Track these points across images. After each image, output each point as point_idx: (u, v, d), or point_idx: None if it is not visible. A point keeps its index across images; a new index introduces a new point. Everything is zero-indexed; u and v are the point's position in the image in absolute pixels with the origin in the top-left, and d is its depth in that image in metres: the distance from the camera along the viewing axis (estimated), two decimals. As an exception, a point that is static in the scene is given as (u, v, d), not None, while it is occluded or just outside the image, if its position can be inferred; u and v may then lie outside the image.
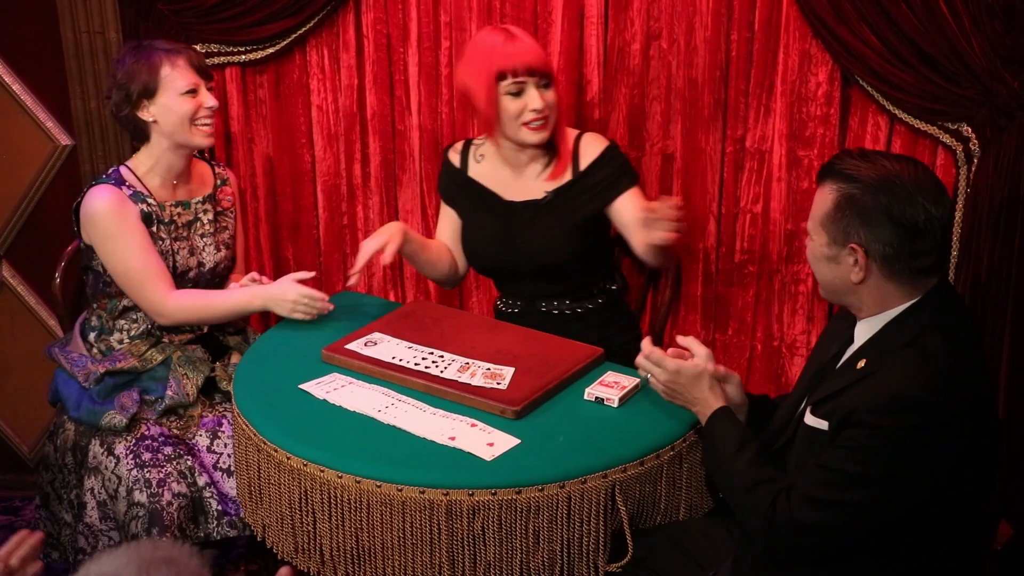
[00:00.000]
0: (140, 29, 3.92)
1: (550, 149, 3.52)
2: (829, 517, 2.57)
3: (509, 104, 3.37)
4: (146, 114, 3.52)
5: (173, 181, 3.63)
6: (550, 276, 3.58)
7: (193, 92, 3.52)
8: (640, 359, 2.98)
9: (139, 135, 3.61)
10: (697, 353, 2.93)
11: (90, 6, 3.97)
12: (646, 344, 3.00)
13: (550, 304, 3.63)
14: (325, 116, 4.07)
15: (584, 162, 3.48)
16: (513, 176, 3.56)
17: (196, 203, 3.68)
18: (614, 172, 3.48)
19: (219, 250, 3.69)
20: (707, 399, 2.90)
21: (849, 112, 3.65)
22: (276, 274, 4.21)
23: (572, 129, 3.57)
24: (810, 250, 2.72)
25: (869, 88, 3.51)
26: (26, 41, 4.06)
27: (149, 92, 3.51)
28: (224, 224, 3.74)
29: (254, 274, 3.66)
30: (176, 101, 3.51)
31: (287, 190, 4.15)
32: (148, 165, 3.60)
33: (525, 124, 3.38)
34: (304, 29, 3.92)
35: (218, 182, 3.76)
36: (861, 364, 2.61)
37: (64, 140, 4.04)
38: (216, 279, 3.69)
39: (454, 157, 3.64)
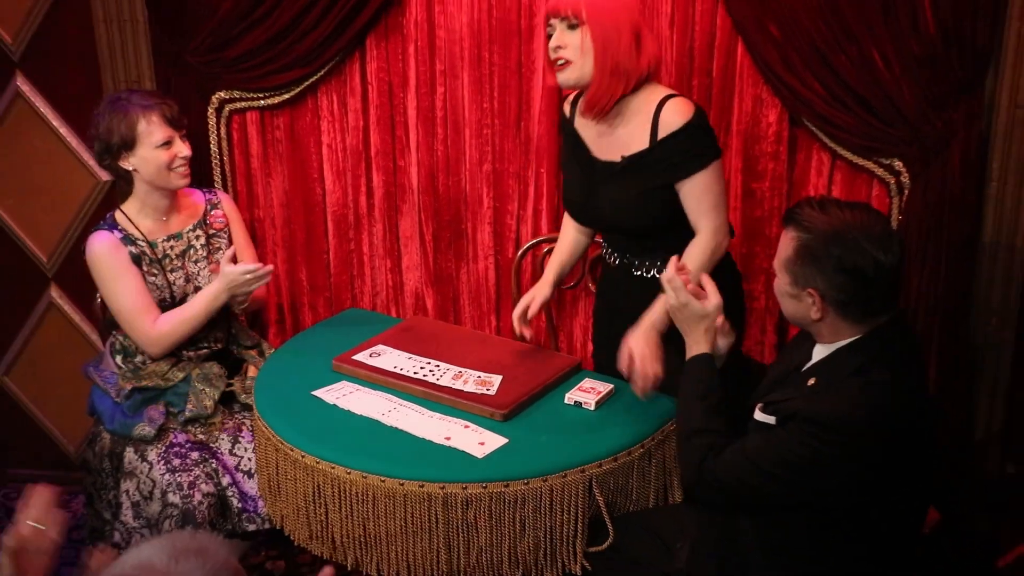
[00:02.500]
0: (172, 79, 3.92)
1: (633, 109, 3.21)
2: (747, 484, 2.62)
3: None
4: (127, 163, 3.49)
5: (163, 217, 3.60)
6: (627, 238, 3.37)
7: (168, 144, 3.49)
8: (665, 276, 2.92)
9: (124, 180, 3.60)
10: (711, 298, 2.91)
11: (128, 59, 3.96)
12: (672, 267, 2.93)
13: (640, 265, 3.37)
14: (334, 154, 4.03)
15: (663, 131, 3.15)
16: (602, 133, 3.29)
17: (187, 232, 3.65)
18: (688, 151, 3.16)
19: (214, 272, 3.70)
20: (699, 339, 2.90)
21: (796, 149, 3.63)
22: (291, 293, 4.28)
23: (657, 89, 3.20)
24: (776, 286, 2.71)
25: (814, 128, 3.50)
26: (72, 89, 4.05)
27: (128, 145, 3.48)
28: (217, 245, 3.70)
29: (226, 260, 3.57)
30: (153, 153, 3.48)
31: (301, 219, 4.12)
32: (137, 207, 3.58)
33: (550, 63, 3.18)
34: (315, 77, 3.89)
35: (208, 207, 3.73)
36: (811, 382, 2.63)
37: (103, 176, 4.00)
38: None
39: (566, 108, 3.43)
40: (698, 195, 3.16)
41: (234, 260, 3.58)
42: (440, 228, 4.03)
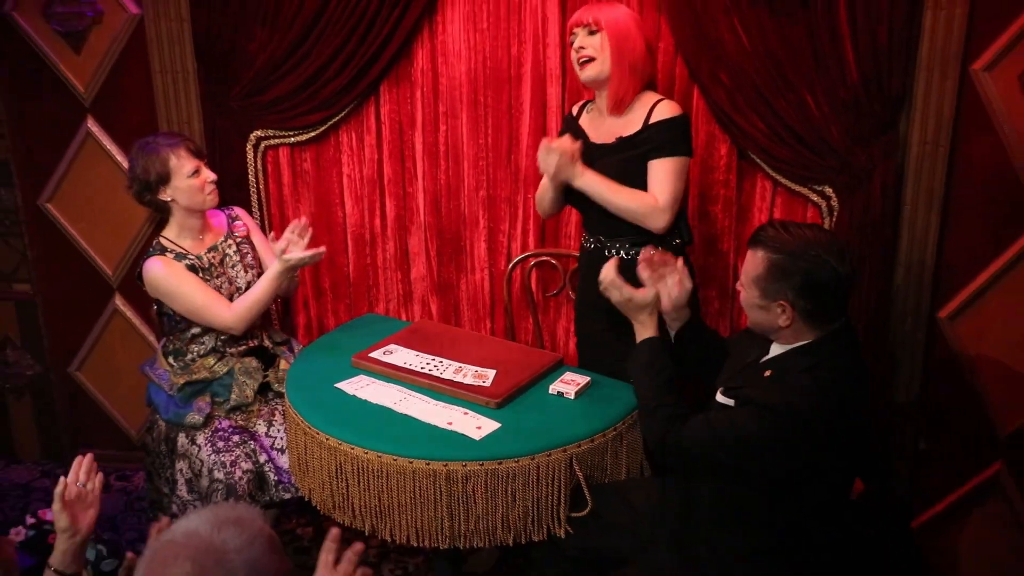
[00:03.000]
0: (216, 120, 4.02)
1: (633, 105, 3.31)
2: (706, 454, 2.70)
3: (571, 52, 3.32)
4: (164, 195, 3.54)
5: (199, 236, 3.64)
6: (605, 216, 3.34)
7: (197, 172, 3.53)
8: (603, 281, 3.01)
9: (161, 211, 3.63)
10: (648, 290, 2.98)
11: (180, 104, 4.07)
12: (610, 268, 3.02)
13: (613, 246, 3.40)
14: (353, 182, 4.12)
15: (654, 119, 3.25)
16: (601, 122, 3.39)
17: (220, 243, 3.68)
18: (668, 138, 3.24)
19: (247, 271, 3.69)
20: (645, 323, 2.96)
21: (743, 178, 3.69)
22: (317, 300, 4.33)
23: (656, 94, 3.32)
24: (744, 299, 2.74)
25: (758, 160, 3.58)
26: (132, 127, 4.11)
27: (164, 179, 3.52)
28: (245, 250, 3.72)
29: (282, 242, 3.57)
30: (186, 182, 3.52)
31: (324, 238, 4.12)
32: (175, 232, 3.62)
33: (576, 64, 3.28)
34: (337, 118, 3.98)
35: (230, 221, 3.75)
36: (767, 373, 2.70)
37: (145, 206, 3.75)
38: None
39: (574, 109, 3.51)
40: (660, 176, 3.23)
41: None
42: (443, 244, 4.10)
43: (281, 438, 3.57)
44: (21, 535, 2.97)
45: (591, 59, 3.26)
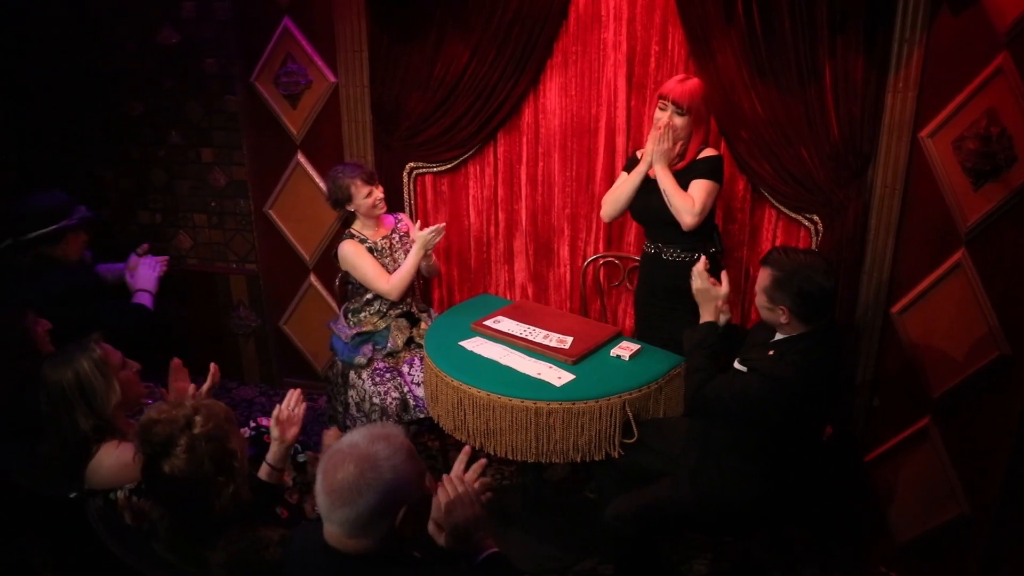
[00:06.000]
0: (383, 155, 4.04)
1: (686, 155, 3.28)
2: (724, 407, 2.68)
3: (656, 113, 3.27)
4: (350, 207, 3.60)
5: (376, 227, 3.66)
6: (664, 227, 3.29)
7: (370, 193, 3.56)
8: (695, 269, 2.92)
9: (349, 214, 3.67)
10: (723, 287, 2.91)
11: (358, 143, 4.10)
12: (701, 264, 2.93)
13: (668, 251, 3.34)
14: (476, 201, 4.12)
15: (699, 157, 3.24)
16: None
17: (389, 235, 3.69)
18: (707, 167, 3.23)
19: (405, 256, 3.66)
20: (709, 311, 2.89)
21: (755, 206, 3.67)
22: (448, 283, 4.30)
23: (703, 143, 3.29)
24: (757, 303, 2.73)
25: (766, 194, 3.56)
26: (326, 159, 4.15)
27: (348, 199, 3.58)
28: (405, 242, 3.72)
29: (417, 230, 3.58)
30: (363, 201, 3.57)
31: (455, 240, 4.19)
32: (360, 226, 3.66)
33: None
34: (467, 155, 4.00)
35: (396, 222, 3.75)
36: (771, 352, 2.70)
37: (338, 212, 3.80)
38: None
39: (638, 152, 3.41)
40: (697, 191, 3.21)
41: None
42: (538, 247, 4.11)
43: (419, 376, 3.59)
44: (246, 433, 2.85)
45: (679, 139, 3.23)
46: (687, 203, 3.22)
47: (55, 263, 3.39)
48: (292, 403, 2.62)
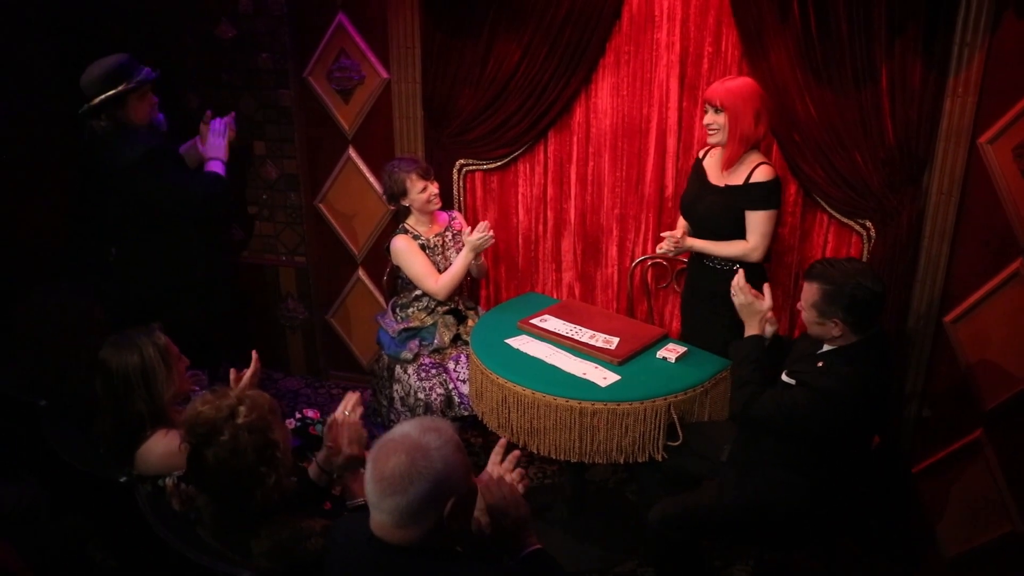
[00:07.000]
0: (433, 152, 4.06)
1: (741, 162, 3.25)
2: (771, 419, 2.68)
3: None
4: (405, 202, 3.64)
5: (430, 224, 3.70)
6: (707, 233, 3.32)
7: (425, 188, 3.59)
8: (734, 285, 2.90)
9: (403, 209, 3.72)
10: (765, 300, 2.89)
11: (410, 138, 4.12)
12: (740, 278, 2.91)
13: (709, 257, 3.35)
14: (525, 199, 4.13)
15: (754, 179, 3.20)
16: (718, 169, 3.30)
17: (443, 232, 3.71)
18: (761, 196, 3.20)
19: (457, 254, 3.67)
20: (754, 325, 2.87)
21: (806, 210, 3.65)
22: (495, 281, 4.30)
23: (760, 156, 3.27)
24: (804, 318, 2.70)
25: (817, 198, 3.55)
26: (377, 155, 4.19)
27: (403, 194, 3.62)
28: (458, 239, 3.73)
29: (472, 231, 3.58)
30: (418, 196, 3.61)
31: (503, 237, 4.19)
32: (414, 221, 3.69)
33: (708, 131, 3.24)
34: (516, 153, 4.01)
35: (450, 219, 3.78)
36: (820, 364, 2.67)
37: (391, 207, 4.01)
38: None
39: (702, 152, 3.44)
40: (754, 224, 3.24)
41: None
42: (586, 246, 4.10)
43: (465, 373, 3.61)
44: (291, 424, 2.88)
45: (716, 132, 3.25)
46: (741, 249, 3.26)
47: (128, 127, 3.42)
48: (349, 407, 2.53)
